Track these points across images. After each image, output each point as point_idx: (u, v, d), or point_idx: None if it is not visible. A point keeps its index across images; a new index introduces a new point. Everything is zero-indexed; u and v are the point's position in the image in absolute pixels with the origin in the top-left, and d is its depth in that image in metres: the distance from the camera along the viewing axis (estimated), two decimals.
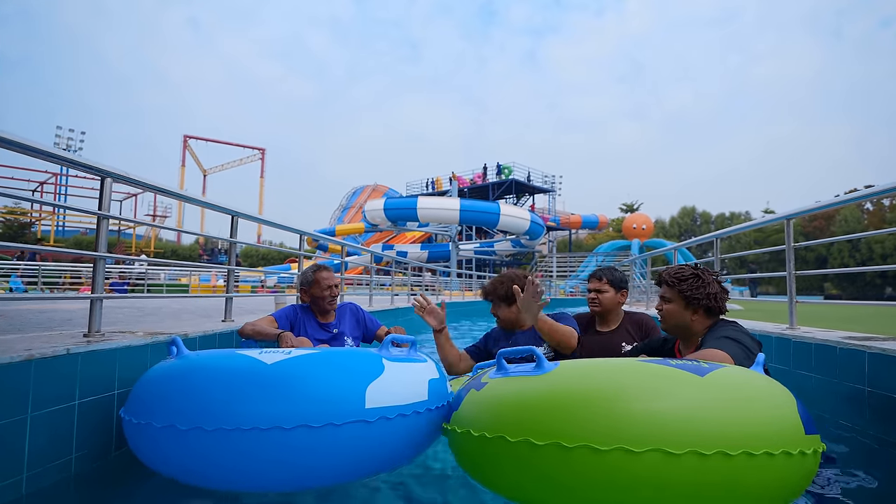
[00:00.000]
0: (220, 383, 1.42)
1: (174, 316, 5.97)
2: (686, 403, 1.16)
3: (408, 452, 1.58)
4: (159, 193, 2.60)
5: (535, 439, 1.18)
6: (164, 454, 1.45)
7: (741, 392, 1.22)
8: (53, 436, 1.60)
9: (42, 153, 1.79)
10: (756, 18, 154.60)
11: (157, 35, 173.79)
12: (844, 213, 48.28)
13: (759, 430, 1.13)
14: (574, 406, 1.19)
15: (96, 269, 2.07)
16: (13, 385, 1.48)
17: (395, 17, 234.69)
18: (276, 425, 1.34)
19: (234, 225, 3.17)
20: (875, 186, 2.60)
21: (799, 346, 2.58)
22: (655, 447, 1.08)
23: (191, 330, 2.45)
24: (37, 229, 31.19)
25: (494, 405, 1.35)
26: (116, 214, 2.08)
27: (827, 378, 2.35)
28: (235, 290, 3.24)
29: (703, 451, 1.08)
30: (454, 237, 25.09)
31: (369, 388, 1.46)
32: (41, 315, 5.47)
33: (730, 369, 1.32)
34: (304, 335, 2.59)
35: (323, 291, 2.65)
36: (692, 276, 1.86)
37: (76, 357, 1.69)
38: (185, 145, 42.31)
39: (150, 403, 1.46)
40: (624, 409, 1.15)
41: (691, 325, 1.85)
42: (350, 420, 1.39)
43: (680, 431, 1.10)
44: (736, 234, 4.04)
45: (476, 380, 1.56)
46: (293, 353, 1.55)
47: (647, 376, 1.24)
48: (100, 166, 1.99)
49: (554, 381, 1.30)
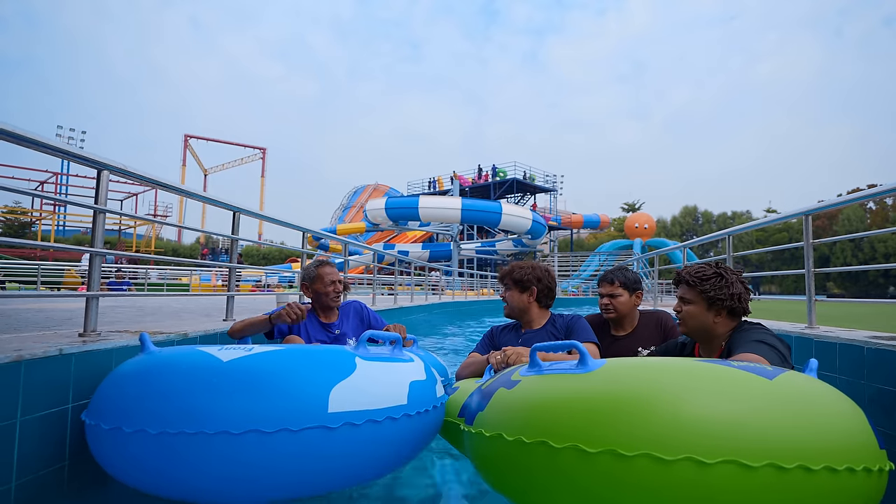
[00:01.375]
0: (169, 383, 1.30)
1: (174, 315, 5.88)
2: (758, 409, 1.02)
3: (381, 464, 1.41)
4: (157, 187, 2.51)
5: (585, 446, 1.03)
6: (112, 458, 1.33)
7: (813, 400, 1.09)
8: (45, 441, 1.51)
9: (39, 144, 1.70)
10: (758, 17, 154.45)
11: (157, 34, 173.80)
12: (847, 213, 48.08)
13: (839, 444, 1.01)
14: (632, 409, 1.04)
15: (92, 265, 1.98)
16: (1, 387, 1.39)
17: (397, 17, 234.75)
18: (224, 430, 1.20)
19: (236, 222, 3.08)
20: (881, 185, 2.50)
21: (822, 345, 2.49)
22: (729, 458, 0.95)
23: (190, 329, 2.36)
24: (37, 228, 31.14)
25: (533, 406, 1.20)
26: (115, 210, 1.99)
27: (854, 380, 2.25)
28: (237, 288, 3.15)
29: (784, 465, 0.95)
30: (456, 237, 24.98)
31: (334, 389, 1.31)
32: (39, 314, 5.39)
33: (795, 375, 1.20)
34: (304, 336, 2.48)
35: (326, 287, 2.53)
36: (715, 275, 1.74)
37: (69, 357, 1.60)
38: (186, 145, 42.27)
39: (104, 404, 1.36)
40: (691, 414, 1.01)
41: (714, 327, 1.73)
42: (309, 426, 1.23)
43: (755, 441, 0.97)
44: (738, 234, 3.95)
45: (505, 377, 1.41)
46: (254, 350, 1.42)
47: (712, 377, 1.11)
48: (96, 158, 1.90)
49: (604, 380, 1.16)
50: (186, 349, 1.47)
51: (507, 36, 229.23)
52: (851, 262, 44.99)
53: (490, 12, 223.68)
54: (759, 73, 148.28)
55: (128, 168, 2.05)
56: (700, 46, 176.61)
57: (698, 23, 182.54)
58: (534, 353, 1.37)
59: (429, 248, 29.85)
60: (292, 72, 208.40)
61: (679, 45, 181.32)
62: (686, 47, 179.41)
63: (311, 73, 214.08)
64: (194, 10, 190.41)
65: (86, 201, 1.94)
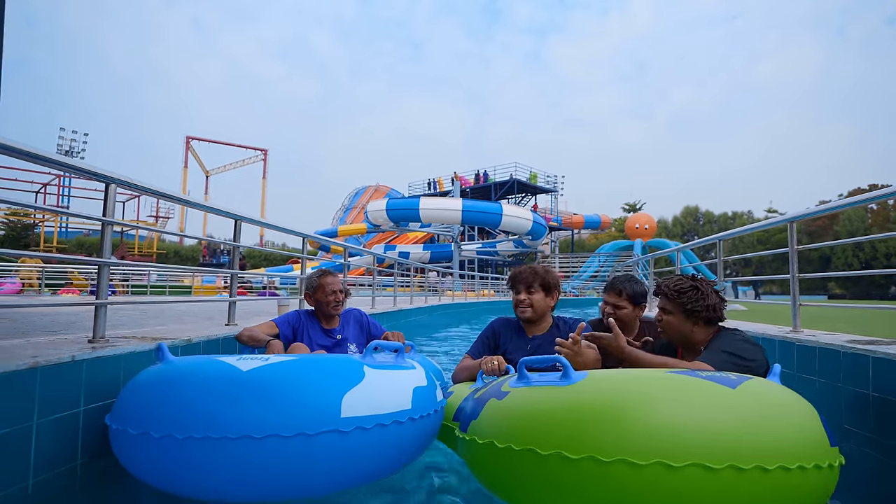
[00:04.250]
0: (193, 391, 1.40)
1: (178, 319, 5.99)
2: (720, 416, 1.14)
3: (388, 464, 1.53)
4: (163, 199, 2.61)
5: (568, 453, 1.15)
6: (139, 461, 1.43)
7: (770, 404, 1.21)
8: (59, 442, 1.61)
9: (49, 161, 1.80)
10: (760, 17, 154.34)
11: (159, 35, 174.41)
12: (848, 213, 48.07)
13: (792, 444, 1.13)
14: (608, 418, 1.16)
15: (101, 275, 2.08)
16: (19, 392, 1.49)
17: (399, 17, 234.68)
18: (246, 434, 1.30)
19: (238, 229, 3.18)
20: (875, 190, 2.58)
21: (802, 349, 2.58)
22: (695, 461, 1.07)
23: (194, 335, 2.45)
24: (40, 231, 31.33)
25: (521, 416, 1.31)
26: (119, 216, 2.10)
27: (831, 382, 2.34)
28: (239, 293, 3.24)
29: (742, 466, 1.06)
30: (456, 238, 25.08)
31: (346, 396, 1.42)
32: (45, 318, 5.49)
33: (758, 381, 1.32)
34: (307, 341, 2.59)
35: (327, 296, 2.66)
36: (691, 288, 1.87)
37: (81, 364, 1.70)
38: (188, 146, 42.41)
39: (129, 410, 1.45)
40: (660, 422, 1.13)
41: (692, 335, 1.87)
42: (323, 430, 1.34)
43: (717, 445, 1.09)
44: (738, 235, 4.04)
45: (495, 388, 1.52)
46: (271, 360, 1.52)
47: (680, 388, 1.23)
48: (105, 172, 2.00)
49: (585, 392, 1.27)
50: (206, 359, 1.58)
51: (509, 35, 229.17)
52: (853, 262, 45.00)
53: (492, 11, 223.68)
54: (760, 73, 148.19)
55: (134, 181, 2.15)
56: (702, 46, 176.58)
57: (701, 22, 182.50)
58: (522, 366, 1.48)
59: (429, 249, 29.95)
60: (294, 72, 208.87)
61: (681, 44, 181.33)
62: (688, 47, 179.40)
63: (313, 74, 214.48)
64: (196, 10, 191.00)
65: (88, 202, 2.04)
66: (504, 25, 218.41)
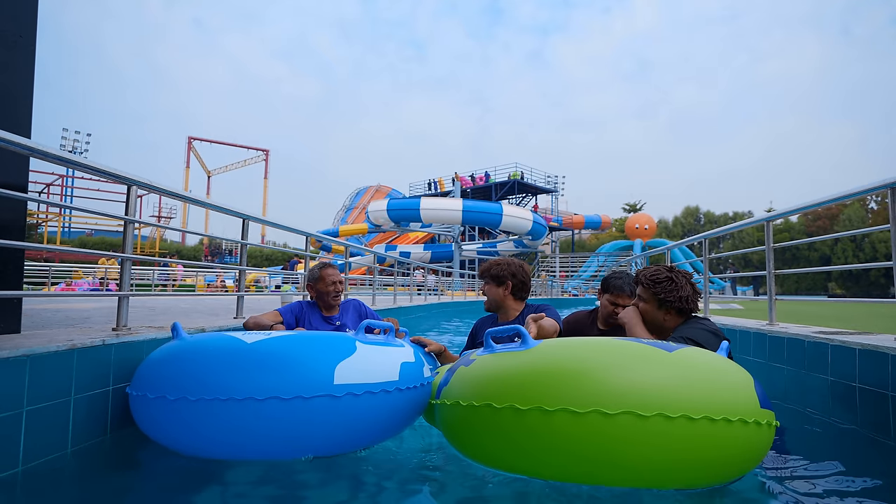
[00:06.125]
0: (204, 360, 1.59)
1: (185, 314, 6.15)
2: (653, 373, 1.32)
3: (379, 429, 1.70)
4: (182, 201, 2.79)
5: (519, 404, 1.33)
6: (157, 423, 1.62)
7: (703, 367, 1.38)
8: (92, 416, 1.80)
9: (78, 165, 1.99)
10: (762, 16, 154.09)
11: (161, 36, 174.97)
12: (849, 213, 48.18)
13: (719, 400, 1.29)
14: (555, 375, 1.35)
15: (123, 269, 2.27)
16: (60, 369, 1.68)
17: (401, 17, 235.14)
18: (250, 396, 1.48)
19: (245, 228, 3.37)
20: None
21: (773, 340, 2.76)
22: (627, 410, 1.25)
23: (206, 325, 2.64)
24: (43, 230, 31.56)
25: (482, 378, 1.49)
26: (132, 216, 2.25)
27: (797, 369, 2.52)
28: (247, 289, 3.43)
29: (669, 415, 1.24)
30: (457, 238, 25.25)
31: (339, 366, 1.59)
32: (57, 314, 5.65)
33: (694, 350, 1.48)
34: (308, 327, 2.77)
35: (328, 287, 2.83)
36: (667, 279, 2.00)
37: (111, 347, 1.89)
38: (190, 147, 42.64)
39: (147, 378, 1.64)
40: (601, 378, 1.31)
41: (663, 322, 2.01)
42: (318, 394, 1.52)
43: (648, 396, 1.26)
44: (739, 234, 4.18)
45: (465, 358, 1.71)
46: (272, 334, 1.72)
47: (622, 351, 1.41)
48: (128, 175, 2.19)
49: (537, 355, 1.46)
50: (216, 334, 1.77)
51: (511, 35, 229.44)
52: (853, 261, 45.04)
53: (494, 11, 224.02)
54: (762, 72, 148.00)
55: (155, 184, 2.34)
56: (704, 45, 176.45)
57: (703, 21, 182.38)
58: (487, 336, 1.66)
59: (430, 249, 30.12)
60: (296, 73, 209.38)
61: (683, 43, 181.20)
62: (690, 46, 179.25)
63: (315, 74, 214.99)
64: (198, 11, 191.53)
65: (90, 202, 2.22)
66: (506, 25, 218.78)
